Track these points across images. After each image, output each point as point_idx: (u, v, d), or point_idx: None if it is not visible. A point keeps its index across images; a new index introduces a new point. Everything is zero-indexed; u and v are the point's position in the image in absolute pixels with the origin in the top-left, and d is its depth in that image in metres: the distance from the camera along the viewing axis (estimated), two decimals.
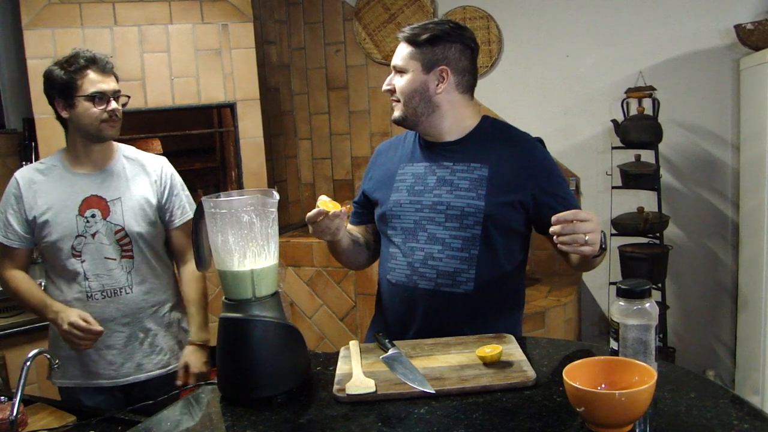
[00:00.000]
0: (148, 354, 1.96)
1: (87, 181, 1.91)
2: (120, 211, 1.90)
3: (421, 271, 1.59)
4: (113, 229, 1.90)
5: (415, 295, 1.60)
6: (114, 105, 1.85)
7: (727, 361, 3.34)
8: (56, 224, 1.87)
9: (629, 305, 1.16)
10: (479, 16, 3.58)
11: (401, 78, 1.62)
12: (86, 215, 1.88)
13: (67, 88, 1.83)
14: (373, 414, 1.16)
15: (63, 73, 1.83)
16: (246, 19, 3.29)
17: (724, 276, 3.32)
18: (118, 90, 1.89)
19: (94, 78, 1.83)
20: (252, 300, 1.28)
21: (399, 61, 1.62)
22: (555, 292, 3.34)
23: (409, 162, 1.69)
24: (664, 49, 3.27)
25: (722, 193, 3.28)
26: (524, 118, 3.48)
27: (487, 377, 1.24)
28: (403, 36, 1.62)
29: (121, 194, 1.92)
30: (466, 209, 1.56)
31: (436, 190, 1.61)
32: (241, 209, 1.27)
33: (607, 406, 1.00)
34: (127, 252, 1.92)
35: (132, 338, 1.94)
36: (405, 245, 1.62)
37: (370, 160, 1.83)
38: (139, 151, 2.05)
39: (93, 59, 1.84)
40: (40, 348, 1.54)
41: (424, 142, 1.69)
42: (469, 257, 1.57)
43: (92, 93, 1.83)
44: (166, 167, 2.02)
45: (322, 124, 4.04)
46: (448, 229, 1.58)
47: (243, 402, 1.25)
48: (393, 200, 1.66)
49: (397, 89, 1.62)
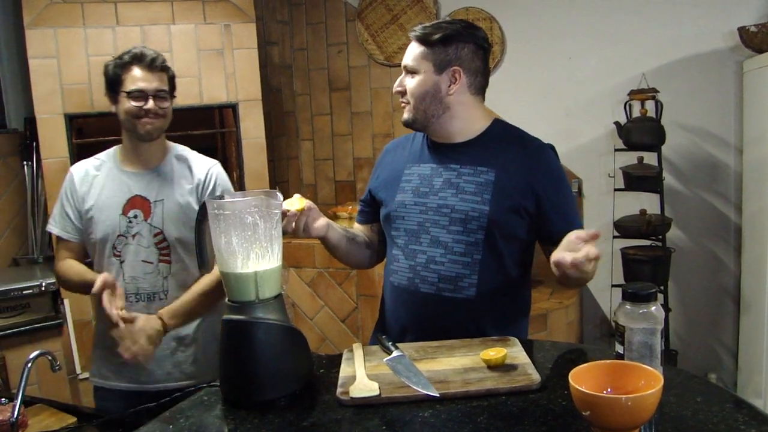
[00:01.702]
0: (179, 363, 1.91)
1: (134, 181, 1.88)
2: (160, 214, 1.86)
3: (423, 274, 1.58)
4: (152, 232, 1.86)
5: (417, 299, 1.59)
6: (151, 104, 1.80)
7: (729, 364, 3.33)
8: (100, 222, 1.86)
9: (635, 309, 1.16)
10: (482, 17, 3.58)
11: (412, 79, 1.59)
12: (129, 215, 1.86)
13: (114, 83, 1.82)
14: (377, 417, 1.15)
15: (111, 68, 1.82)
16: (248, 19, 3.29)
17: (727, 279, 3.31)
18: (162, 89, 1.83)
19: (136, 75, 1.80)
20: (255, 302, 1.27)
21: (410, 61, 1.59)
22: (557, 294, 3.34)
23: (416, 162, 1.67)
24: (667, 51, 3.27)
25: (725, 195, 3.28)
26: (527, 120, 3.45)
27: (491, 380, 1.24)
28: (415, 35, 1.59)
29: (164, 196, 1.88)
30: (471, 213, 1.54)
31: (442, 192, 1.59)
32: (245, 211, 1.26)
33: (613, 411, 0.99)
34: (164, 256, 1.87)
35: (163, 346, 1.86)
36: (407, 247, 1.61)
37: (378, 159, 1.81)
38: (192, 152, 2.00)
39: (138, 56, 1.81)
40: (42, 349, 1.53)
41: (432, 142, 1.67)
42: (472, 262, 1.55)
43: (131, 90, 1.80)
44: (213, 170, 1.95)
45: (324, 125, 4.04)
46: (451, 233, 1.56)
47: (246, 405, 1.25)
48: (398, 201, 1.64)
49: (408, 91, 1.59)
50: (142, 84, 1.80)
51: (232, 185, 2.06)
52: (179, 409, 1.28)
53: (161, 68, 1.83)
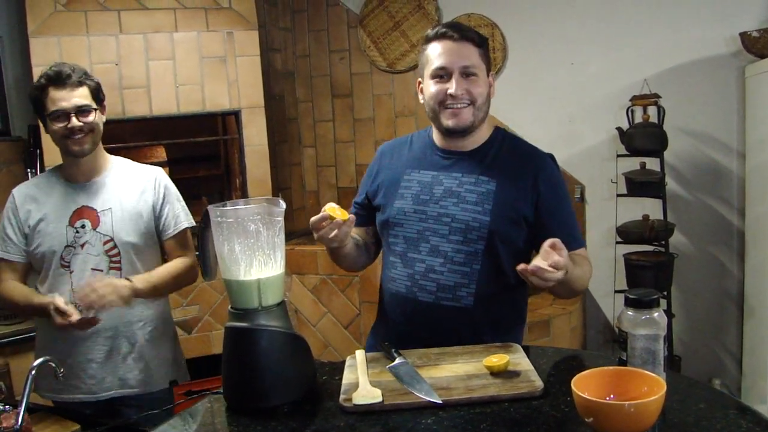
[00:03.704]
0: (132, 369, 1.91)
1: (78, 192, 1.90)
2: (110, 222, 1.88)
3: (421, 283, 1.57)
4: (102, 240, 1.87)
5: (415, 307, 1.58)
6: (74, 122, 1.79)
7: (733, 369, 3.32)
8: (47, 234, 1.86)
9: (638, 315, 1.16)
10: (484, 23, 3.59)
11: (473, 81, 1.55)
12: (76, 225, 1.87)
13: (37, 107, 1.83)
14: (380, 424, 1.15)
15: (32, 93, 1.83)
16: (251, 26, 3.30)
17: (730, 284, 3.30)
18: (83, 104, 1.81)
19: (54, 96, 1.78)
20: (258, 309, 1.28)
21: (470, 61, 1.54)
22: (560, 300, 3.33)
23: (416, 168, 1.65)
24: (669, 57, 3.27)
25: (728, 200, 3.27)
26: (529, 126, 3.48)
27: (494, 387, 1.24)
28: (463, 35, 1.55)
29: (111, 205, 1.90)
30: (471, 223, 1.54)
31: (443, 201, 1.58)
32: (248, 218, 1.27)
33: (616, 417, 0.99)
34: (115, 263, 1.89)
35: (113, 352, 1.88)
36: (406, 255, 1.60)
37: (373, 161, 1.78)
38: (132, 163, 2.02)
39: (52, 77, 1.79)
40: (45, 357, 1.53)
41: (439, 149, 1.65)
42: (471, 272, 1.54)
43: (51, 112, 1.79)
44: (159, 177, 1.99)
45: (327, 132, 4.04)
46: (451, 242, 1.55)
47: (249, 412, 1.25)
48: (397, 208, 1.63)
49: (472, 92, 1.55)
50: (62, 104, 1.79)
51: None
52: (182, 416, 1.29)
53: (78, 83, 1.81)
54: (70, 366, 1.82)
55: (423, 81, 1.62)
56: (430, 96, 1.58)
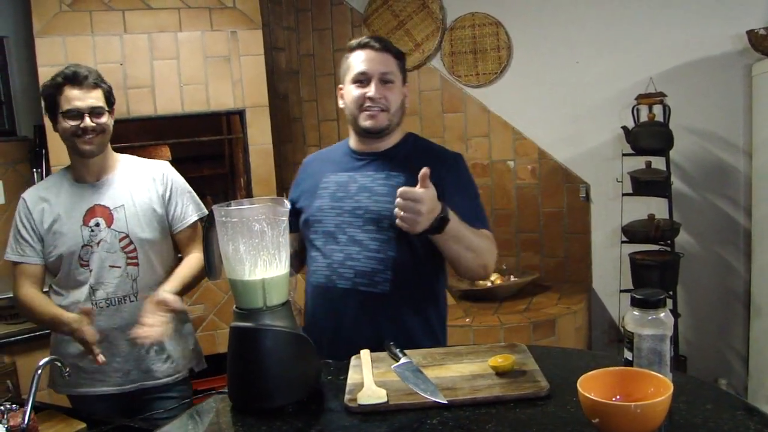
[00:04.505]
0: (155, 360, 1.94)
1: (90, 192, 1.92)
2: (123, 218, 1.91)
3: (339, 271, 1.66)
4: (117, 237, 1.90)
5: (334, 295, 1.66)
6: (87, 122, 1.83)
7: (739, 369, 3.30)
8: (63, 235, 1.88)
9: (644, 315, 1.15)
10: (488, 22, 3.58)
11: (390, 87, 1.70)
12: (90, 224, 1.89)
13: (50, 105, 1.86)
14: (385, 425, 1.15)
15: (46, 90, 1.85)
16: (255, 26, 3.30)
17: (736, 283, 3.29)
18: (97, 105, 1.85)
19: (70, 95, 1.82)
20: (263, 309, 1.28)
21: (388, 69, 1.70)
22: (565, 299, 3.33)
23: (334, 171, 1.77)
24: (674, 55, 3.26)
25: (734, 199, 3.26)
26: (534, 125, 3.48)
27: (499, 387, 1.23)
28: (384, 46, 1.71)
29: (124, 201, 1.92)
30: (383, 213, 1.64)
31: (357, 196, 1.69)
32: (253, 218, 1.27)
33: (622, 418, 0.98)
34: (132, 259, 1.91)
35: (136, 345, 1.89)
36: (326, 247, 1.69)
37: (298, 171, 1.90)
38: (140, 159, 2.05)
39: (70, 76, 1.83)
40: (52, 356, 1.54)
41: (354, 151, 1.77)
42: (386, 258, 1.64)
43: (66, 110, 1.83)
44: (167, 172, 2.02)
45: (331, 131, 4.04)
46: (366, 232, 1.66)
47: (254, 412, 1.25)
48: (315, 206, 1.73)
49: (388, 99, 1.69)
50: (77, 103, 1.82)
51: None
52: (187, 416, 1.29)
53: (94, 85, 1.86)
54: (92, 361, 1.82)
55: (344, 86, 1.75)
56: (350, 99, 1.72)
